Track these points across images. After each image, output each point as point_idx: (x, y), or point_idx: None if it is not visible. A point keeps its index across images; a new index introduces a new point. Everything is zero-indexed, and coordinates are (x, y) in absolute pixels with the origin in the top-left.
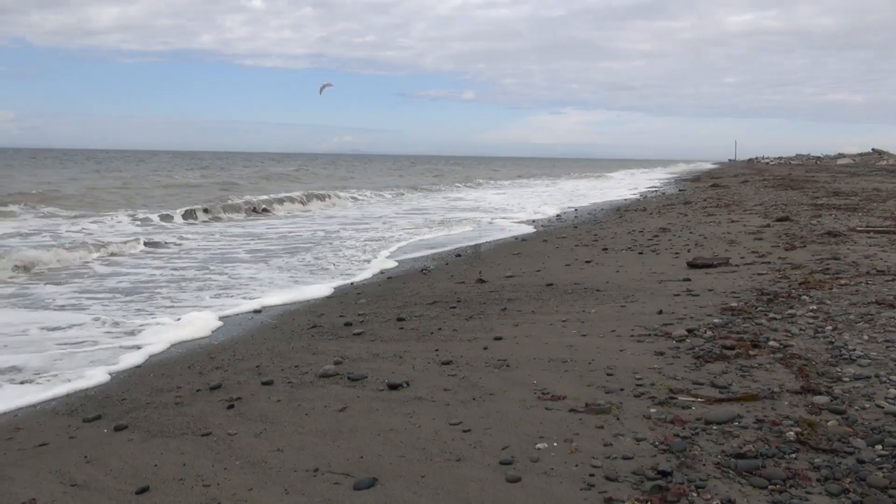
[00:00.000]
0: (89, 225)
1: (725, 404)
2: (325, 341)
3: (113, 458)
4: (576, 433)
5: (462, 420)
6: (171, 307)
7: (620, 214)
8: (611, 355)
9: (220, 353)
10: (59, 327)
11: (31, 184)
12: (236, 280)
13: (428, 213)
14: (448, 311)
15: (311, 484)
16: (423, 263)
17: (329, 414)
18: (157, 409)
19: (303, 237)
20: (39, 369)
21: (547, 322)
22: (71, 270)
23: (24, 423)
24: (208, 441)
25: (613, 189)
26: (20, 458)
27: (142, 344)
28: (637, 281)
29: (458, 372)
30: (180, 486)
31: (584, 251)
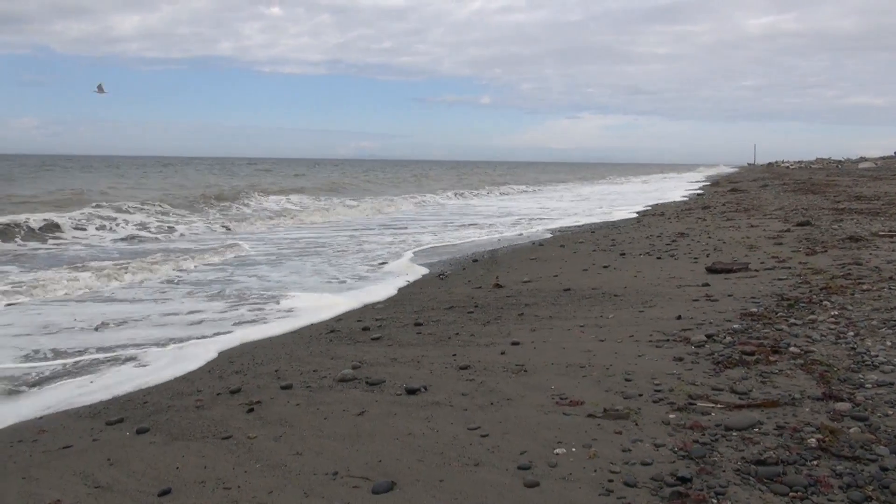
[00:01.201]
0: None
1: (745, 410)
2: (344, 346)
3: (135, 461)
4: (594, 438)
5: (480, 425)
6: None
7: (638, 219)
8: (629, 360)
9: (240, 357)
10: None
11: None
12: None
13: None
14: (465, 315)
15: (330, 487)
16: (440, 268)
17: (348, 418)
18: (179, 412)
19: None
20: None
21: (564, 327)
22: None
23: (48, 425)
24: (229, 444)
25: (663, 191)
26: (45, 459)
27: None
28: (655, 286)
29: (476, 377)
30: (201, 488)
31: (601, 256)
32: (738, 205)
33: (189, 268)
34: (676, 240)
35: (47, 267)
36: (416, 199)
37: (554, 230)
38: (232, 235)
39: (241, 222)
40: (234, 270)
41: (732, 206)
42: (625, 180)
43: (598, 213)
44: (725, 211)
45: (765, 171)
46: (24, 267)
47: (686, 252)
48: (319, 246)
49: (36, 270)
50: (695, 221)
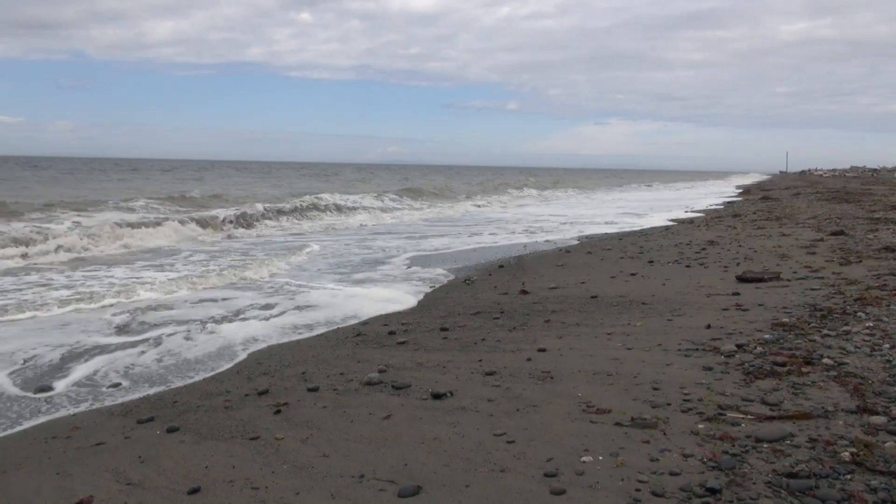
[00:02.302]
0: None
1: (777, 422)
2: (370, 349)
3: (165, 459)
4: (621, 447)
5: (506, 431)
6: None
7: (667, 227)
8: (657, 369)
9: (267, 358)
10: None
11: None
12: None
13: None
14: (491, 321)
15: (356, 490)
16: (466, 274)
17: (374, 421)
18: (208, 412)
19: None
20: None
21: (591, 334)
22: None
23: (81, 422)
24: (256, 445)
25: (692, 199)
26: (78, 456)
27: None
28: (684, 294)
29: (502, 383)
30: (230, 487)
31: (629, 263)
32: (769, 213)
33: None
34: (706, 248)
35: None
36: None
37: (581, 237)
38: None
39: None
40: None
41: (764, 214)
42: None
43: (625, 221)
44: (756, 219)
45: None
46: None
47: (716, 260)
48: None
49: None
50: (725, 230)
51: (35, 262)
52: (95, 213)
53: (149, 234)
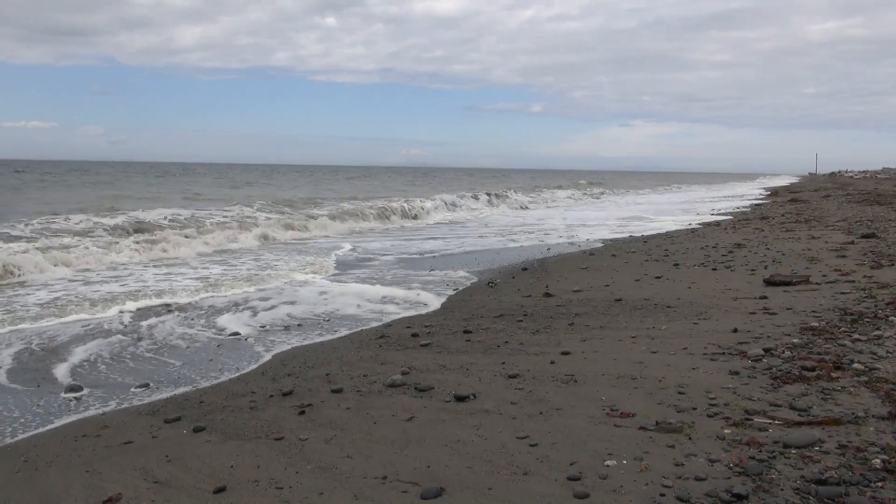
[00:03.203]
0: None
1: (805, 428)
2: (393, 352)
3: (192, 458)
4: (646, 451)
5: (529, 434)
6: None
7: (693, 229)
8: (682, 373)
9: (291, 360)
10: None
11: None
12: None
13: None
14: (515, 324)
15: (379, 491)
16: (490, 276)
17: (397, 423)
18: (233, 412)
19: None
20: None
21: (616, 338)
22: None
23: (110, 421)
24: (281, 445)
25: (719, 201)
26: (107, 454)
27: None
28: (710, 298)
29: (525, 386)
30: (255, 487)
31: (654, 266)
32: (798, 216)
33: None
34: (733, 251)
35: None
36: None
37: (605, 239)
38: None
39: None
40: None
41: (792, 216)
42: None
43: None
44: (785, 222)
45: (827, 182)
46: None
47: (743, 263)
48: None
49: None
50: (752, 232)
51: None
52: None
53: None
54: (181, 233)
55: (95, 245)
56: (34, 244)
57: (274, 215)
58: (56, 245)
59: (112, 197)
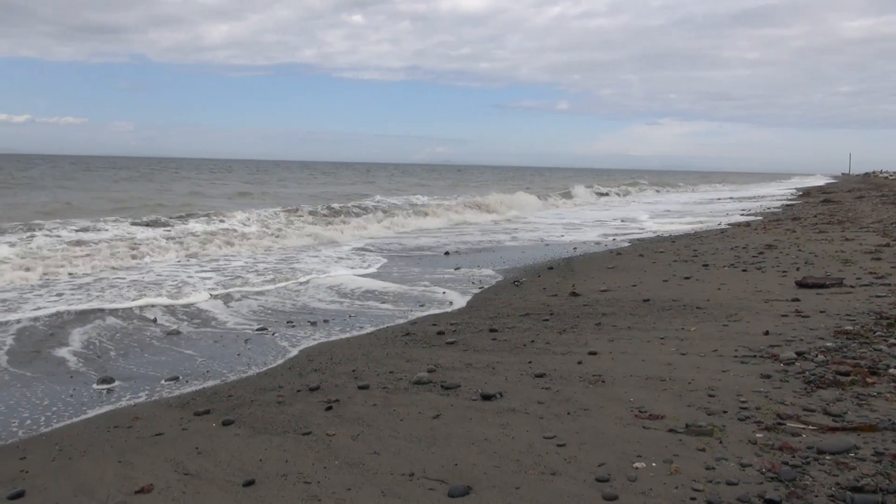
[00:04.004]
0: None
1: (840, 433)
2: (419, 349)
3: (221, 451)
4: (675, 454)
5: (556, 434)
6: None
7: (722, 229)
8: (712, 376)
9: (318, 355)
10: None
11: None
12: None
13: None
14: (541, 323)
15: (407, 488)
16: (515, 275)
17: (423, 420)
18: (261, 406)
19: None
20: None
21: (644, 338)
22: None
23: (141, 412)
24: (308, 440)
25: (748, 201)
26: (139, 445)
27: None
28: (740, 299)
29: (552, 385)
30: (283, 481)
31: (682, 267)
32: (831, 216)
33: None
34: (763, 252)
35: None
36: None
37: (633, 239)
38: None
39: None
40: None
41: (825, 217)
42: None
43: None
44: (817, 223)
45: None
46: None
47: (774, 265)
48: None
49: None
50: (784, 233)
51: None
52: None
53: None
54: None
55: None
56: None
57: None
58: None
59: (260, 193)
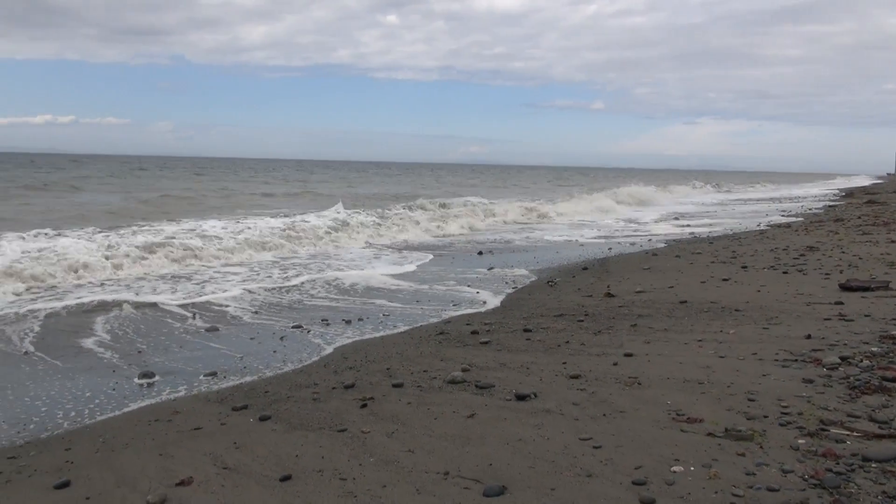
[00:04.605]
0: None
1: (887, 441)
2: (453, 348)
3: (259, 446)
4: (714, 459)
5: (592, 436)
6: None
7: (761, 230)
8: (752, 379)
9: (353, 353)
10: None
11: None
12: None
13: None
14: (575, 324)
15: (441, 486)
16: (549, 275)
17: (458, 420)
18: (297, 402)
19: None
20: None
21: (681, 341)
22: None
23: (181, 406)
24: (344, 437)
25: (789, 201)
26: (178, 439)
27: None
28: (781, 302)
29: (587, 387)
30: (319, 477)
31: (720, 268)
32: (875, 218)
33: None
34: (805, 254)
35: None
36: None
37: (669, 240)
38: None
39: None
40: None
41: (869, 219)
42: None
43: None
44: (861, 224)
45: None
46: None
47: (816, 267)
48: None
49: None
50: (826, 235)
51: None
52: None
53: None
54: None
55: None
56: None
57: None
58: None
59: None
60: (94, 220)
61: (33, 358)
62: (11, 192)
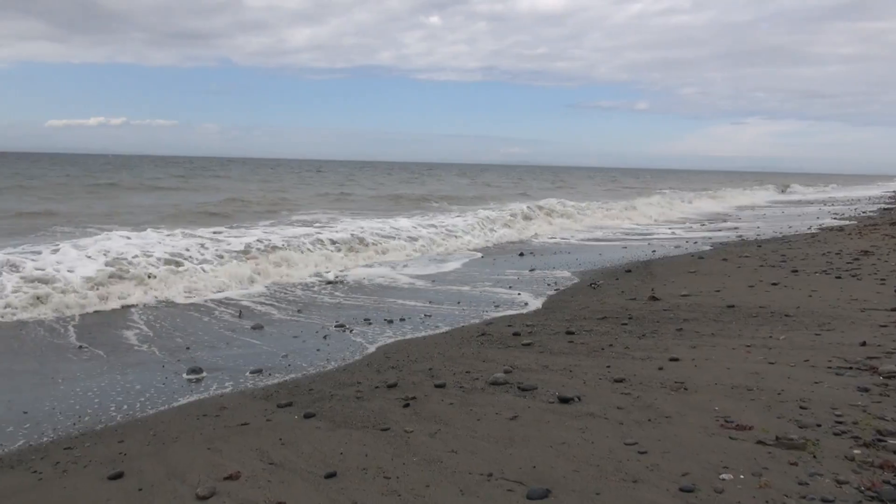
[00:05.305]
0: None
1: None
2: (495, 350)
3: (304, 443)
4: (765, 467)
5: (637, 441)
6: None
7: (812, 234)
8: (804, 387)
9: (395, 353)
10: None
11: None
12: None
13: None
14: (619, 327)
15: (485, 488)
16: (592, 277)
17: (500, 421)
18: (341, 401)
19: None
20: None
21: (728, 346)
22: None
23: (228, 402)
24: (387, 436)
25: (840, 203)
26: (226, 434)
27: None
28: (834, 308)
29: (632, 391)
30: (363, 475)
31: (769, 272)
32: None
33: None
34: (859, 258)
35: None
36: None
37: (715, 242)
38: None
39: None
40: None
41: None
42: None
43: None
44: None
45: None
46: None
47: (871, 272)
48: None
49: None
50: (881, 238)
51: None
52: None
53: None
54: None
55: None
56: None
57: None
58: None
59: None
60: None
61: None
62: (138, 190)
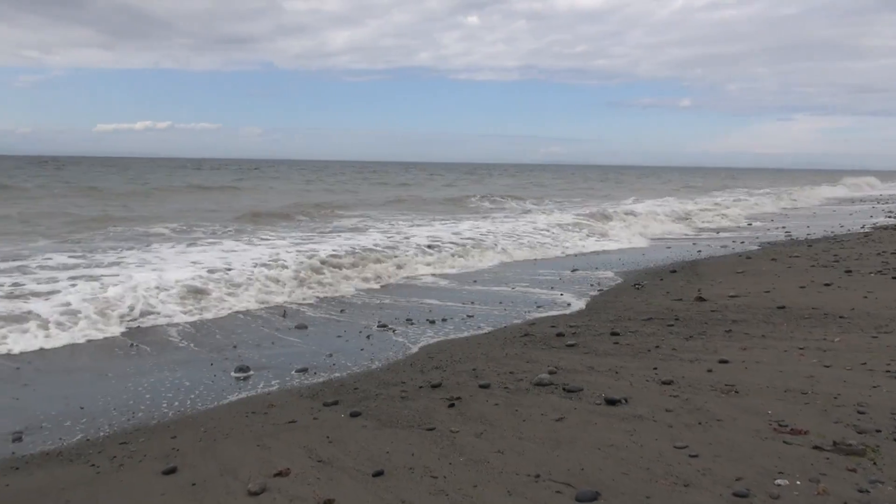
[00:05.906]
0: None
1: None
2: (538, 350)
3: (350, 442)
4: (822, 473)
5: (688, 444)
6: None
7: (866, 233)
8: (861, 391)
9: (438, 353)
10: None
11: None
12: None
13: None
14: (665, 328)
15: (532, 489)
16: (636, 278)
17: (546, 423)
18: (386, 400)
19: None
20: None
21: (780, 348)
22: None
23: (276, 400)
24: (433, 436)
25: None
26: (274, 431)
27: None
28: (891, 309)
29: (681, 393)
30: (410, 474)
31: (821, 272)
32: None
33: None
34: None
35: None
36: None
37: (763, 242)
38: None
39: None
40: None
41: None
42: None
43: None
44: None
45: None
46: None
47: None
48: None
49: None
50: None
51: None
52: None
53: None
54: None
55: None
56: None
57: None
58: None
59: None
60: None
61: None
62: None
